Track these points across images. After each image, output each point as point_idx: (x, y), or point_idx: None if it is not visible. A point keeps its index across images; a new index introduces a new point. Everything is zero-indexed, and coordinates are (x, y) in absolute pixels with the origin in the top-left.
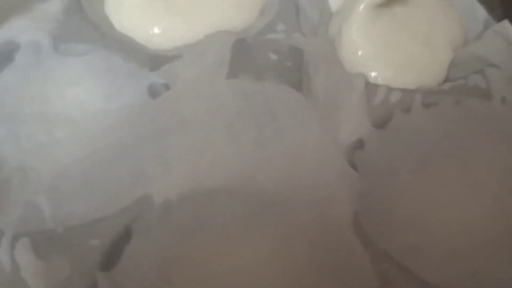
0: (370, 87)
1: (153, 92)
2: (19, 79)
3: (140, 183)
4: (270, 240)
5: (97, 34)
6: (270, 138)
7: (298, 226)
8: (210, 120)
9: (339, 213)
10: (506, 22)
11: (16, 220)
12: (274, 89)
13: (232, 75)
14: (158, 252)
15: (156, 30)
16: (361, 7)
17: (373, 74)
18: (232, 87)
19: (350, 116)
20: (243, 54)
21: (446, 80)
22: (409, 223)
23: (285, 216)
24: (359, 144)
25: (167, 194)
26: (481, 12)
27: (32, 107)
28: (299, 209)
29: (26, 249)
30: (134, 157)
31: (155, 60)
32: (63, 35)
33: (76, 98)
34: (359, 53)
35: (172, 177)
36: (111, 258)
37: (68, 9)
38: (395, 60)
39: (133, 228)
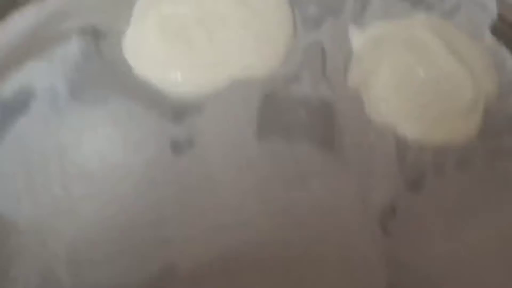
0: (401, 146)
1: (176, 147)
2: (35, 128)
3: (164, 250)
4: None
5: (116, 79)
6: (301, 202)
7: None
8: (239, 183)
9: (372, 281)
10: None
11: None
12: (304, 151)
13: (261, 135)
14: None
15: (176, 77)
16: (385, 64)
17: (402, 130)
18: (262, 149)
19: (382, 179)
20: (271, 112)
21: (478, 135)
22: None
23: (315, 283)
24: (392, 209)
25: (193, 262)
26: None
27: (49, 158)
28: (331, 276)
29: None
30: (158, 220)
31: (177, 109)
32: (80, 81)
33: (95, 148)
34: (388, 109)
35: (198, 243)
36: None
37: (85, 52)
38: (424, 116)
39: None
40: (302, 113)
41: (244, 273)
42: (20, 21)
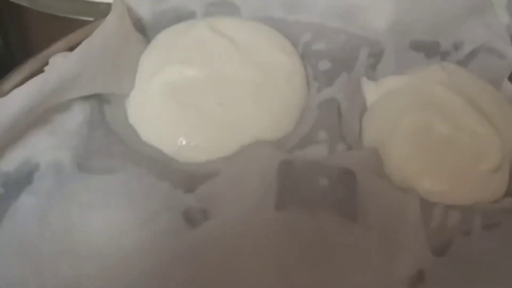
0: (426, 208)
1: (190, 219)
2: (39, 204)
3: None
4: None
5: (123, 148)
6: (325, 277)
7: None
8: (258, 258)
9: None
10: None
11: None
12: (327, 223)
13: (280, 206)
14: None
15: (186, 142)
16: (402, 122)
17: (425, 191)
18: (282, 221)
19: (408, 245)
20: (290, 181)
21: (506, 193)
22: None
23: None
24: (420, 277)
25: None
26: None
27: (55, 237)
28: None
29: None
30: None
31: (190, 178)
32: (86, 151)
33: (104, 224)
34: (409, 169)
35: None
36: None
37: (90, 120)
38: (448, 176)
39: None
40: (322, 182)
41: None
42: (22, 95)
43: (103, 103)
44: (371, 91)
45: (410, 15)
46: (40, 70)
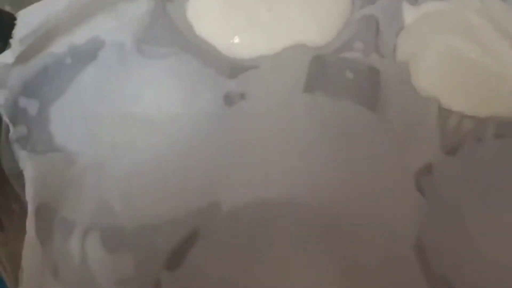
0: (443, 113)
1: (229, 100)
2: (101, 76)
3: (210, 189)
4: (332, 257)
5: (179, 39)
6: (343, 159)
7: (362, 246)
8: (284, 134)
9: (403, 236)
10: None
11: (89, 214)
12: (349, 109)
13: (308, 89)
14: (222, 256)
15: (235, 40)
16: (436, 42)
17: (446, 100)
18: (308, 102)
19: (421, 141)
20: (320, 70)
21: None
22: (471, 252)
23: (349, 236)
24: (428, 169)
25: (235, 201)
26: None
27: (110, 105)
28: (364, 230)
29: (96, 243)
30: (207, 163)
31: (233, 68)
32: (146, 37)
33: (154, 99)
34: (434, 84)
35: (241, 186)
36: (176, 258)
37: (153, 11)
38: (470, 93)
39: (200, 232)
40: (349, 75)
41: (279, 220)
42: None
43: (166, 0)
44: (410, 14)
45: None
46: None
